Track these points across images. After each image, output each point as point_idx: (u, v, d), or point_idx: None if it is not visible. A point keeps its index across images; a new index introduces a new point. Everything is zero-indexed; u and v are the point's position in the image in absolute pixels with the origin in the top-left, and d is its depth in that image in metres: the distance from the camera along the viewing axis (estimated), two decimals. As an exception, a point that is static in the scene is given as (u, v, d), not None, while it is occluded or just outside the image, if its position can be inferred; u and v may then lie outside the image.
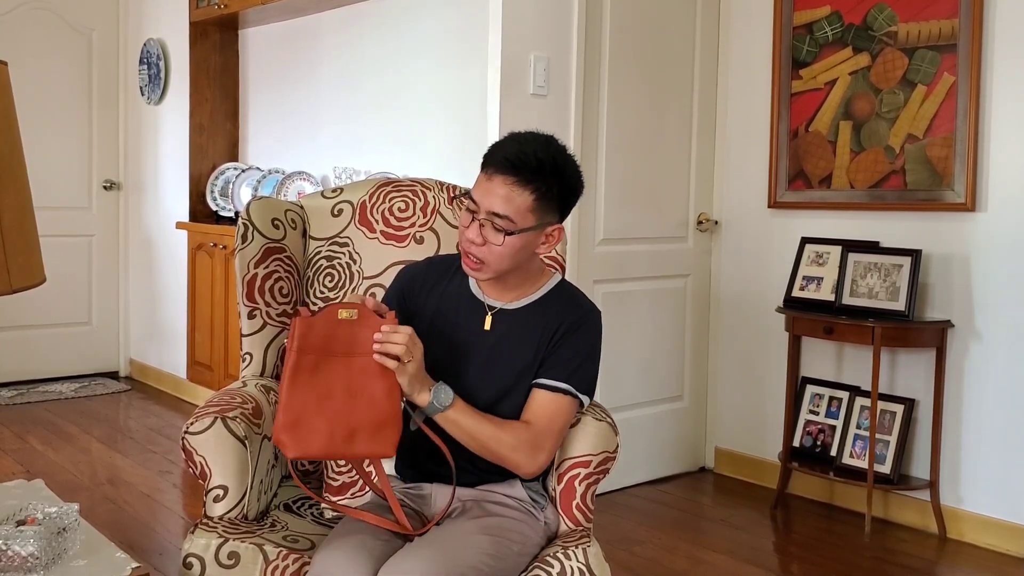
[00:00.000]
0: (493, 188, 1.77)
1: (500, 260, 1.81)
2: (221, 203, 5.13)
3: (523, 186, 1.75)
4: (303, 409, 1.69)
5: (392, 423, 1.72)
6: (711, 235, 4.13)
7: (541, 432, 1.82)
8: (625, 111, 3.74)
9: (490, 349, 1.88)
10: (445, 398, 1.75)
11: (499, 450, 1.79)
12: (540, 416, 1.83)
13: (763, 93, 3.93)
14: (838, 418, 3.67)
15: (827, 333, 3.50)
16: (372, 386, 1.71)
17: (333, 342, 1.71)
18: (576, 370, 1.86)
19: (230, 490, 1.88)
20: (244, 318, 2.30)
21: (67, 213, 5.61)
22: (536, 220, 1.79)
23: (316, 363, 1.70)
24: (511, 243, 1.78)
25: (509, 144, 1.80)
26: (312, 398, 1.69)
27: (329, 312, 1.71)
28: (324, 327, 1.71)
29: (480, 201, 1.78)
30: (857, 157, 3.65)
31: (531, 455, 1.80)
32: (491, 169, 1.78)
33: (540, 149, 1.78)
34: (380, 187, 2.47)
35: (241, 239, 2.29)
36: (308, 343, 1.70)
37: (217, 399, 2.00)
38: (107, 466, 4.04)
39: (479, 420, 1.79)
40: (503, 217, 1.76)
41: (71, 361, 5.70)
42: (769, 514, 3.68)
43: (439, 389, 1.75)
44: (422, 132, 4.07)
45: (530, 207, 1.77)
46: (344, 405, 1.70)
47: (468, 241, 1.80)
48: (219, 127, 5.31)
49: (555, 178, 1.78)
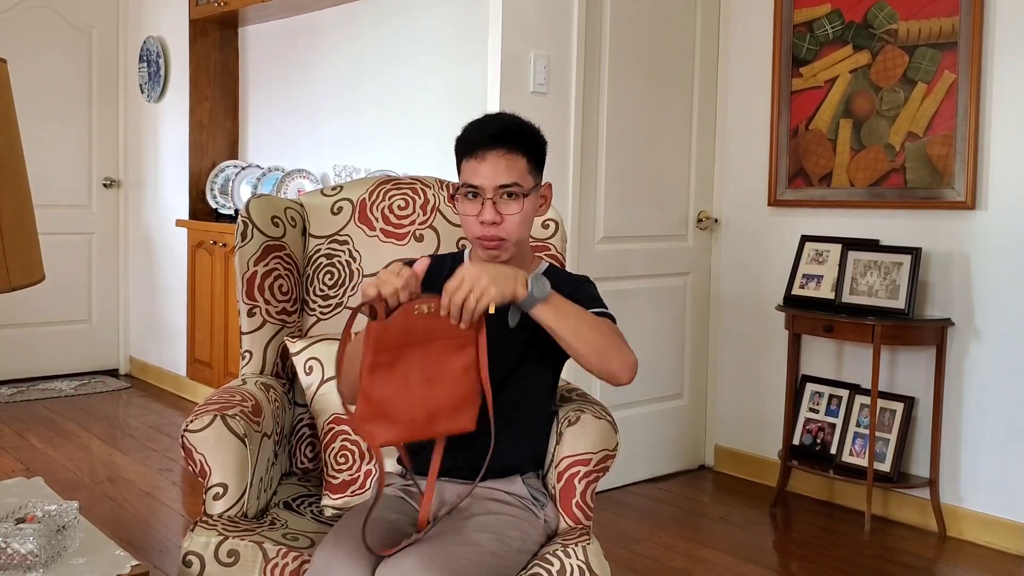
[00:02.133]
0: (491, 163, 1.83)
1: (519, 229, 1.86)
2: (221, 201, 5.12)
3: (515, 151, 1.84)
4: (383, 401, 1.70)
5: (471, 399, 1.74)
6: (711, 233, 4.13)
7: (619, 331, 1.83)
8: (625, 109, 3.74)
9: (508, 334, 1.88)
10: (544, 287, 1.71)
11: (604, 338, 1.75)
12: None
13: (763, 91, 3.92)
14: (838, 416, 3.67)
15: (827, 331, 3.50)
16: (450, 367, 1.72)
17: (409, 335, 1.70)
18: (600, 305, 1.90)
19: (230, 488, 1.88)
20: (244, 316, 2.30)
21: (67, 211, 5.61)
22: (534, 180, 1.89)
23: (393, 358, 1.70)
24: (526, 207, 1.85)
25: (481, 125, 1.90)
26: (391, 390, 1.70)
27: (404, 311, 1.68)
28: (400, 325, 1.69)
29: (483, 182, 1.83)
30: (857, 155, 3.64)
31: (627, 347, 1.79)
32: (479, 151, 1.84)
33: (509, 119, 1.91)
34: (380, 185, 2.47)
35: (241, 237, 2.29)
36: (384, 343, 1.69)
37: (216, 397, 2.00)
38: (107, 464, 4.04)
39: (578, 308, 1.76)
40: (512, 184, 1.83)
41: (71, 359, 5.70)
42: (769, 512, 3.68)
43: (537, 279, 1.71)
44: (422, 130, 4.07)
45: (527, 169, 1.86)
46: (422, 392, 1.71)
47: (486, 223, 1.83)
48: (219, 125, 5.30)
49: (532, 139, 1.90)
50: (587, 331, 1.75)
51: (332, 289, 2.38)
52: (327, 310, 2.38)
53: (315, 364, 2.24)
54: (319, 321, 2.38)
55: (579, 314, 1.76)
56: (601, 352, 1.76)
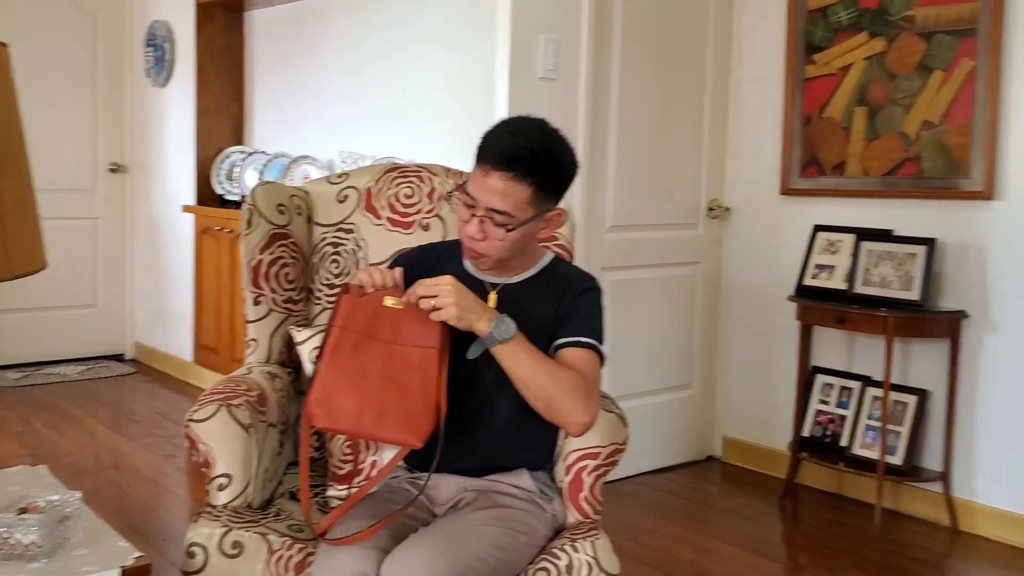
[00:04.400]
0: (490, 183, 1.74)
1: (502, 251, 1.80)
2: (227, 187, 5.09)
3: (520, 180, 1.73)
4: (337, 384, 1.71)
5: (425, 416, 1.71)
6: (722, 222, 4.08)
7: (588, 379, 1.77)
8: (636, 95, 3.69)
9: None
10: (506, 330, 1.70)
11: (556, 391, 1.72)
12: (581, 367, 1.78)
13: (776, 78, 3.87)
14: (848, 408, 3.63)
15: (839, 323, 3.45)
16: (409, 377, 1.72)
17: (376, 327, 1.72)
18: (595, 328, 1.85)
19: (234, 478, 1.85)
20: (249, 304, 2.27)
21: (73, 195, 5.58)
22: (535, 211, 1.78)
23: (356, 343, 1.72)
24: (511, 236, 1.77)
25: (502, 137, 1.75)
26: (347, 375, 1.71)
27: (375, 297, 1.72)
28: (369, 310, 1.72)
29: (478, 197, 1.76)
30: (872, 144, 3.59)
31: (585, 402, 1.74)
32: (487, 164, 1.75)
33: (534, 140, 1.75)
34: (386, 173, 2.43)
35: (246, 224, 2.26)
36: (351, 322, 1.72)
37: (222, 386, 1.97)
38: (112, 450, 4.02)
39: (539, 356, 1.73)
40: (502, 213, 1.74)
41: (76, 344, 5.68)
42: (777, 504, 3.65)
43: (501, 321, 1.71)
44: (428, 116, 4.03)
45: (528, 199, 1.75)
46: (378, 386, 1.71)
47: (468, 236, 1.79)
48: (224, 110, 5.26)
49: (551, 167, 1.77)
50: (539, 381, 1.72)
51: (338, 278, 2.35)
52: (333, 299, 2.35)
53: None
54: (325, 310, 2.35)
55: (536, 363, 1.72)
56: (550, 404, 1.74)
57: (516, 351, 1.72)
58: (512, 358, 1.72)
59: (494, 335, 1.70)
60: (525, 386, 1.74)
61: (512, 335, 1.71)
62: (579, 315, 1.85)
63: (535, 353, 1.73)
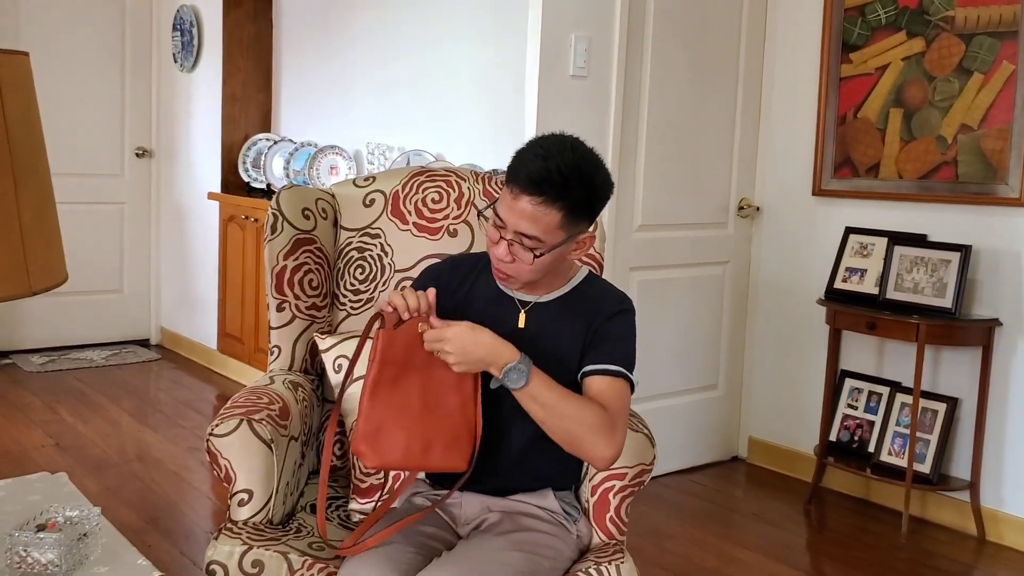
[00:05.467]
0: (519, 207, 1.68)
1: (530, 275, 1.76)
2: (253, 174, 5.07)
3: (550, 204, 1.67)
4: (383, 420, 1.71)
5: (466, 436, 1.73)
6: (752, 221, 4.02)
7: (614, 412, 1.72)
8: (667, 93, 3.63)
9: (525, 347, 1.81)
10: (517, 378, 1.66)
11: (578, 430, 1.68)
12: (608, 398, 1.73)
13: (811, 77, 3.79)
14: (877, 414, 3.57)
15: (869, 328, 3.39)
16: (447, 399, 1.73)
17: (412, 355, 1.71)
18: (625, 355, 1.80)
19: (255, 494, 1.84)
20: (272, 311, 2.25)
21: (99, 180, 5.59)
22: (566, 234, 1.72)
23: (396, 376, 1.71)
24: (541, 261, 1.72)
25: (531, 159, 1.68)
26: (392, 410, 1.71)
27: (410, 325, 1.71)
28: (405, 340, 1.71)
29: (507, 219, 1.70)
30: (907, 146, 3.52)
31: (609, 437, 1.69)
32: (515, 188, 1.68)
33: (564, 163, 1.66)
34: (413, 176, 2.40)
35: (271, 230, 2.23)
36: (390, 356, 1.71)
37: (243, 399, 1.95)
38: (136, 441, 4.03)
39: (559, 396, 1.69)
40: (531, 237, 1.69)
41: (102, 328, 5.71)
42: (803, 509, 3.61)
43: (513, 368, 1.66)
44: (456, 111, 3.99)
45: (559, 224, 1.69)
46: (421, 418, 1.72)
47: (497, 259, 1.74)
48: (251, 97, 5.24)
49: (582, 190, 1.69)
50: (558, 422, 1.68)
51: (363, 284, 2.32)
52: (358, 305, 2.32)
53: (344, 362, 2.18)
54: (349, 316, 2.33)
55: (556, 403, 1.68)
56: (571, 442, 1.70)
57: (532, 395, 1.68)
58: (529, 402, 1.69)
59: (507, 384, 1.68)
60: (544, 426, 1.71)
61: (524, 383, 1.67)
62: (609, 339, 1.80)
63: (554, 392, 1.69)
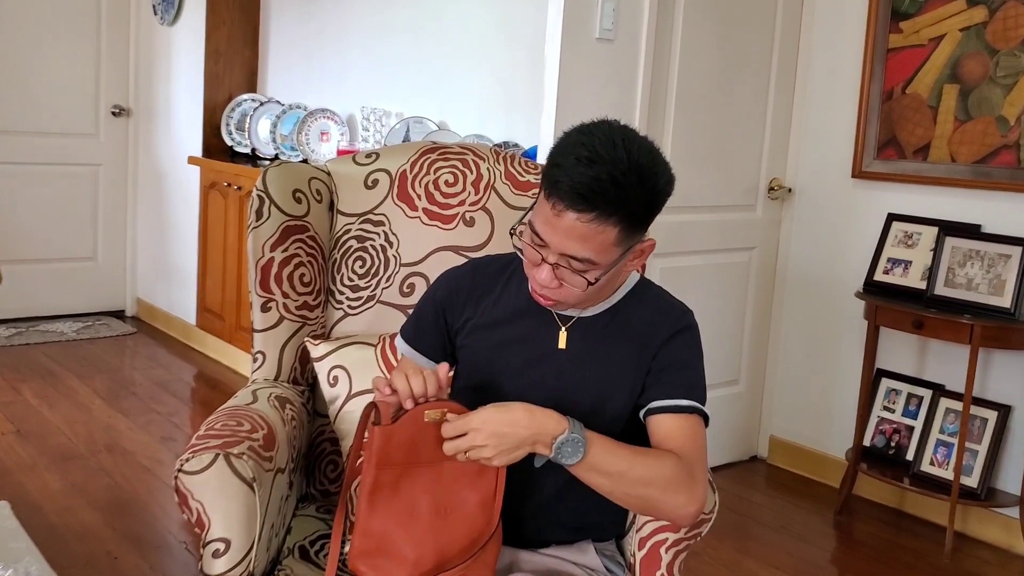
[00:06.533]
0: (564, 225, 1.32)
1: (581, 299, 1.42)
2: (237, 138, 4.71)
3: (603, 220, 1.31)
4: (385, 534, 1.38)
5: (490, 539, 1.41)
6: (782, 204, 3.69)
7: (691, 459, 1.41)
8: (698, 61, 3.28)
9: (566, 371, 1.49)
10: (572, 452, 1.33)
11: (653, 493, 1.37)
12: (680, 442, 1.42)
13: (855, 46, 3.44)
14: (917, 418, 3.28)
15: (916, 328, 3.08)
16: (464, 497, 1.40)
17: (417, 450, 1.37)
18: (695, 383, 1.49)
19: (233, 543, 1.51)
20: (257, 311, 1.91)
21: (73, 140, 5.22)
22: (623, 249, 1.38)
23: (398, 477, 1.38)
24: (597, 283, 1.39)
25: (575, 167, 1.30)
26: (394, 520, 1.38)
27: (413, 416, 1.36)
28: (407, 434, 1.36)
29: (549, 240, 1.35)
30: (962, 127, 3.18)
31: (690, 491, 1.38)
32: (559, 202, 1.32)
33: (617, 166, 1.29)
34: (424, 153, 2.06)
35: (256, 215, 1.89)
36: (388, 456, 1.36)
37: (220, 425, 1.61)
38: (106, 428, 3.69)
39: (626, 459, 1.36)
40: (583, 260, 1.35)
41: (74, 298, 5.34)
42: (833, 521, 3.32)
43: (565, 444, 1.33)
44: (463, 74, 3.63)
45: (615, 240, 1.34)
46: (432, 524, 1.39)
47: (540, 284, 1.40)
48: (237, 54, 4.87)
49: (643, 196, 1.33)
50: (627, 488, 1.37)
51: (363, 279, 1.99)
52: (356, 304, 1.99)
53: (341, 374, 1.86)
54: (346, 316, 1.99)
55: (620, 469, 1.35)
56: (645, 508, 1.42)
57: (594, 466, 1.35)
58: (589, 475, 1.36)
59: (560, 461, 1.35)
60: (612, 497, 1.39)
61: (582, 456, 1.33)
62: (674, 366, 1.48)
63: (619, 455, 1.36)
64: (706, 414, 1.48)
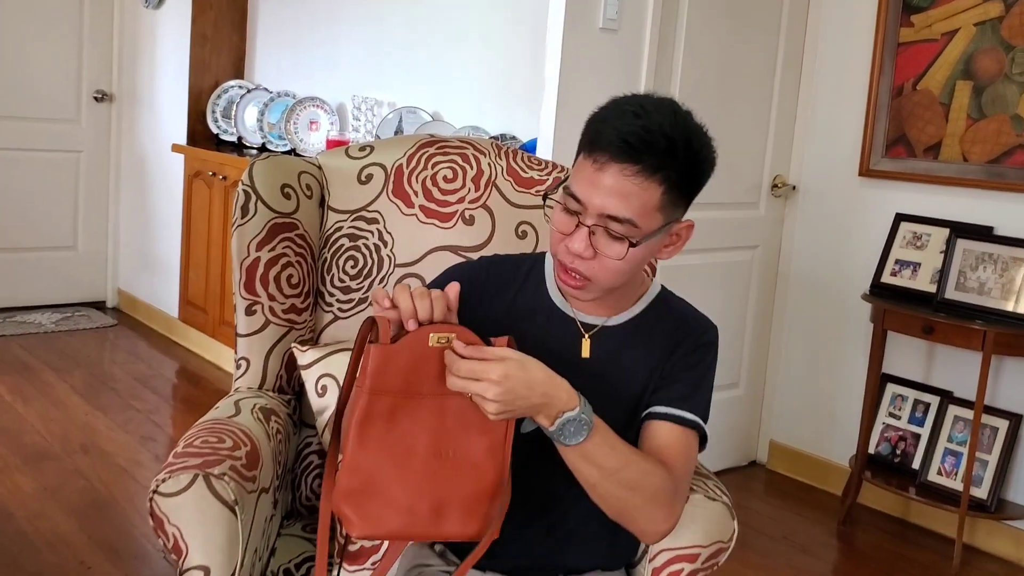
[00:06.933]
0: (606, 181, 1.25)
1: (615, 277, 1.31)
2: (223, 125, 4.57)
3: (649, 176, 1.24)
4: (375, 472, 1.21)
5: (496, 493, 1.24)
6: (786, 202, 3.58)
7: (679, 476, 1.33)
8: (702, 53, 3.16)
9: (589, 384, 1.36)
10: (575, 432, 1.23)
11: (635, 500, 1.29)
12: (674, 455, 1.34)
13: (864, 40, 3.32)
14: (924, 426, 3.18)
15: (926, 333, 2.97)
16: (470, 440, 1.23)
17: (419, 378, 1.21)
18: (701, 401, 1.40)
19: (213, 572, 1.38)
20: (241, 314, 1.78)
21: (53, 126, 5.05)
22: (664, 219, 1.30)
23: (393, 408, 1.21)
24: (634, 255, 1.28)
25: (623, 118, 1.25)
26: (388, 458, 1.21)
27: (417, 337, 1.20)
28: (409, 358, 1.20)
29: (587, 199, 1.26)
30: (975, 125, 3.08)
31: (669, 508, 1.32)
32: (602, 154, 1.25)
33: (667, 122, 1.25)
34: (421, 148, 1.93)
35: (241, 211, 1.76)
36: (385, 381, 1.19)
37: (199, 441, 1.48)
38: (82, 427, 3.55)
39: (623, 458, 1.27)
40: (624, 221, 1.26)
41: (54, 289, 5.19)
42: (836, 531, 3.22)
43: (570, 422, 1.22)
44: (459, 63, 3.50)
45: (658, 204, 1.27)
46: (430, 468, 1.22)
47: (573, 254, 1.29)
48: (224, 39, 4.72)
49: (689, 161, 1.27)
50: (613, 487, 1.27)
51: (355, 280, 1.86)
52: (347, 307, 1.87)
53: (330, 383, 1.73)
54: (336, 320, 1.87)
55: (617, 467, 1.26)
56: (622, 512, 1.31)
57: (588, 454, 1.25)
58: (580, 461, 1.26)
59: (557, 438, 1.24)
60: (593, 491, 1.29)
61: (583, 439, 1.23)
62: (687, 378, 1.38)
63: (616, 452, 1.26)
64: (705, 436, 1.39)
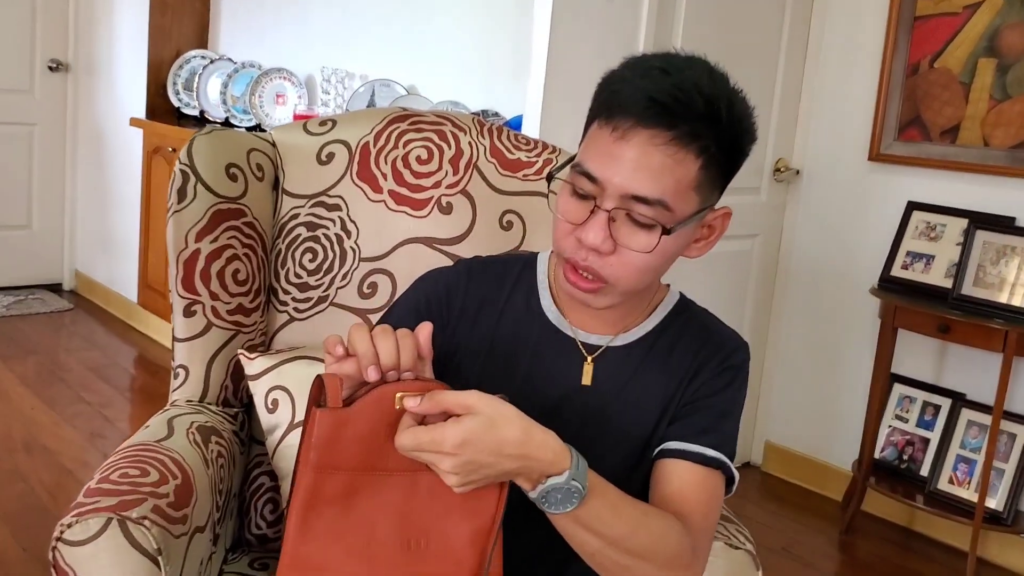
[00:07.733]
0: (630, 154, 0.98)
1: (639, 276, 1.04)
2: (185, 98, 4.28)
3: (685, 146, 0.98)
4: (325, 569, 0.95)
5: None
6: (788, 187, 3.34)
7: (700, 530, 1.06)
8: (703, 26, 2.90)
9: (590, 415, 1.13)
10: (562, 500, 0.95)
11: (642, 569, 1.00)
12: (693, 504, 1.07)
13: (877, 13, 3.08)
14: (933, 430, 2.96)
15: (942, 332, 2.75)
16: (448, 525, 0.97)
17: (383, 449, 0.94)
18: (729, 436, 1.13)
19: (128, 637, 1.13)
20: (178, 315, 1.53)
21: (5, 97, 4.75)
22: (700, 202, 1.03)
23: (351, 487, 0.95)
24: (665, 246, 1.02)
25: (648, 75, 0.99)
26: (342, 550, 0.95)
27: (380, 397, 0.93)
28: (368, 424, 0.93)
29: (605, 177, 1.00)
30: (999, 106, 2.84)
31: (687, 567, 1.03)
32: (624, 119, 0.98)
33: (704, 80, 1.00)
34: (391, 123, 1.67)
35: (178, 195, 1.50)
36: (336, 454, 0.93)
37: (118, 474, 1.23)
38: (27, 422, 3.28)
39: (629, 522, 0.99)
40: (654, 203, 0.99)
41: (7, 270, 4.88)
42: (838, 540, 3.00)
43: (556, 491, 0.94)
44: (437, 32, 3.24)
45: (694, 182, 1.01)
46: (396, 561, 0.96)
47: (587, 248, 1.02)
48: (186, 6, 4.43)
49: (732, 128, 1.01)
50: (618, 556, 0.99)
51: (313, 276, 1.61)
52: (305, 306, 1.61)
53: (282, 397, 1.48)
54: (292, 321, 1.61)
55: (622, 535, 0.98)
56: None
57: (582, 521, 0.97)
58: (570, 529, 0.98)
59: (542, 506, 0.96)
60: (591, 558, 1.02)
61: (573, 507, 0.95)
62: (712, 409, 1.13)
63: (619, 516, 0.99)
64: (733, 476, 1.12)
